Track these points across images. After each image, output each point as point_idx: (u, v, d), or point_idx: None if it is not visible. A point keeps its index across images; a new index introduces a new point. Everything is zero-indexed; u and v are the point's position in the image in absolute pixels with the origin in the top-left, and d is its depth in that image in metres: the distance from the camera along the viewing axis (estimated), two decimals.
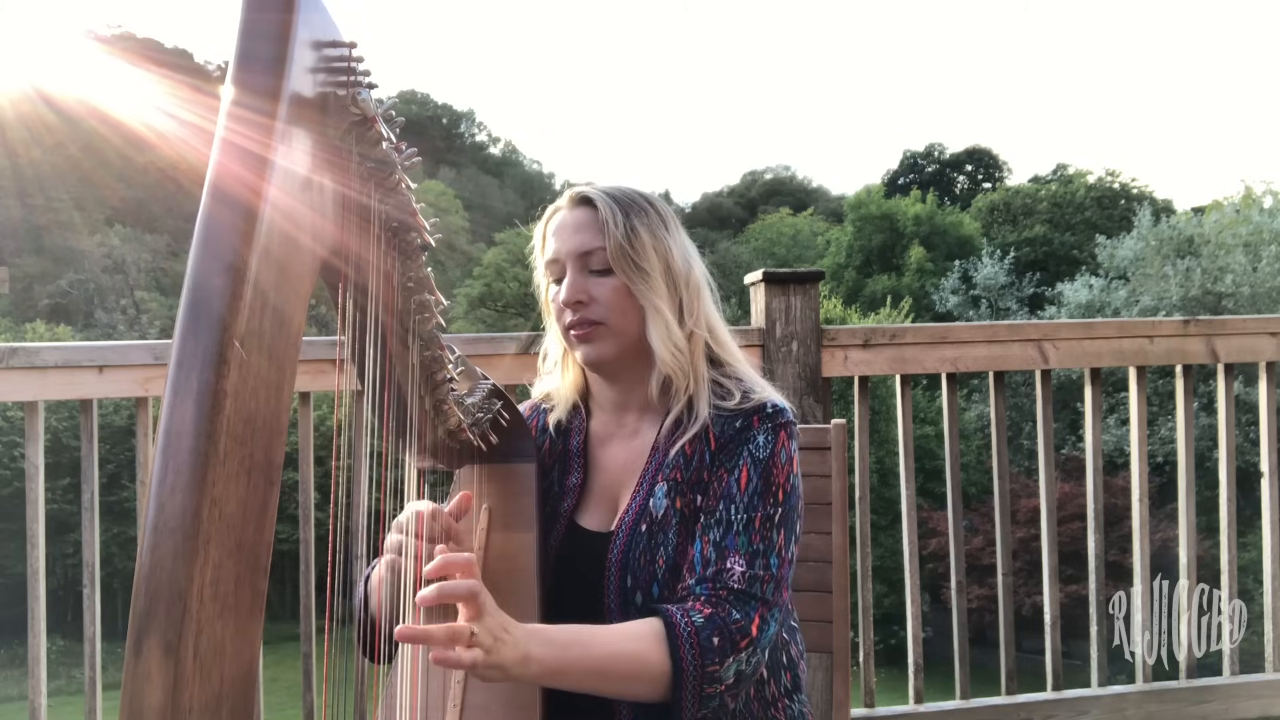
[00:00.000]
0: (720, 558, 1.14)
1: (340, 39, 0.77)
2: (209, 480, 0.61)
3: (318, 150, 0.74)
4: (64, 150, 31.96)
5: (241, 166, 0.66)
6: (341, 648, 1.15)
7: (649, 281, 1.21)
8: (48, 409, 2.11)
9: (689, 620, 1.08)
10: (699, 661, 1.06)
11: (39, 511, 2.00)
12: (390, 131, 0.86)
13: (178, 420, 0.61)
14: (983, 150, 52.40)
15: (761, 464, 1.19)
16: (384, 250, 0.94)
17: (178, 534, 0.60)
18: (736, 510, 1.16)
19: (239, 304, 0.62)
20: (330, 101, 0.77)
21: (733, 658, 1.08)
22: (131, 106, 7.56)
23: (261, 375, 0.65)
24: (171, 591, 0.59)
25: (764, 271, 2.34)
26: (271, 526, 0.67)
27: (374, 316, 0.94)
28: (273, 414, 0.67)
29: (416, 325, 1.05)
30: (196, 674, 0.60)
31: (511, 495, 1.28)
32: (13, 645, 17.07)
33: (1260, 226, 22.30)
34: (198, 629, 0.60)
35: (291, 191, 0.69)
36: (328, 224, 0.78)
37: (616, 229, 1.21)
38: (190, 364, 0.61)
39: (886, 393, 13.13)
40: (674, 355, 1.22)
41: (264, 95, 0.67)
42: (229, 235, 0.64)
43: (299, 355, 0.71)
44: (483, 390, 1.26)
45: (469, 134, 63.10)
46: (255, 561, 0.66)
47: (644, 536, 1.20)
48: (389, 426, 1.09)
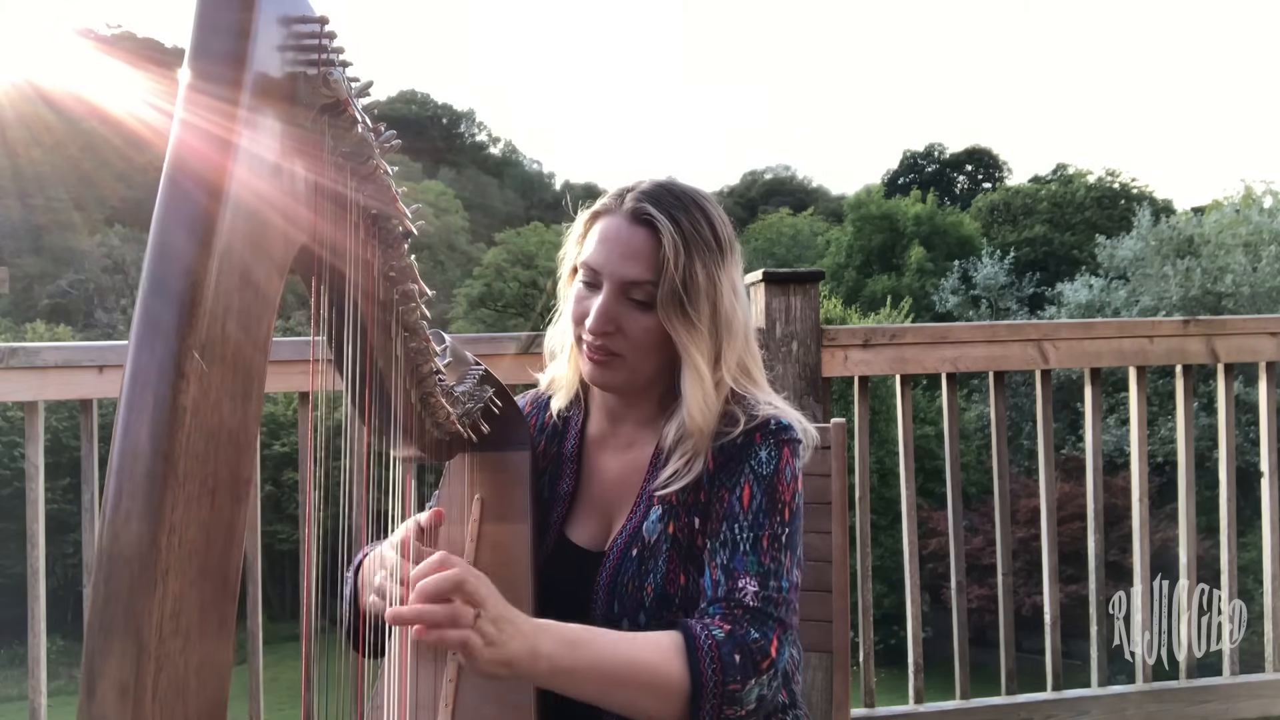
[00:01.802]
0: (729, 579, 1.08)
1: (310, 14, 0.71)
2: (167, 505, 0.56)
3: (287, 134, 0.68)
4: (64, 150, 31.95)
5: (202, 153, 0.59)
6: (342, 648, 1.14)
7: (693, 333, 1.12)
8: (48, 409, 2.11)
9: (709, 635, 1.02)
10: (720, 678, 1.00)
11: (39, 511, 2.00)
12: (365, 115, 0.81)
13: (132, 440, 0.56)
14: (983, 150, 52.44)
15: (765, 480, 1.12)
16: (363, 239, 0.88)
17: (133, 564, 0.55)
18: (741, 529, 1.10)
19: (198, 311, 0.57)
20: (300, 82, 0.70)
21: (754, 680, 1.02)
22: (131, 106, 7.55)
23: (226, 386, 0.60)
24: (127, 627, 0.55)
25: (764, 271, 2.34)
26: (239, 545, 0.63)
27: (354, 307, 0.88)
28: (239, 426, 0.61)
29: (400, 316, 1.00)
30: (156, 715, 0.55)
31: (504, 484, 1.24)
32: (13, 645, 17.07)
33: (1260, 226, 22.29)
34: (157, 667, 0.55)
35: (259, 179, 0.63)
36: (300, 214, 0.72)
37: (675, 272, 1.10)
38: (145, 378, 0.57)
39: (886, 393, 13.12)
40: (702, 413, 1.14)
41: (227, 73, 0.61)
42: (186, 234, 0.58)
43: (269, 358, 0.66)
44: (473, 377, 1.22)
45: (469, 134, 63.10)
46: (222, 584, 0.61)
47: (634, 562, 1.15)
48: (372, 421, 1.04)
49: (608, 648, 0.99)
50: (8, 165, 30.57)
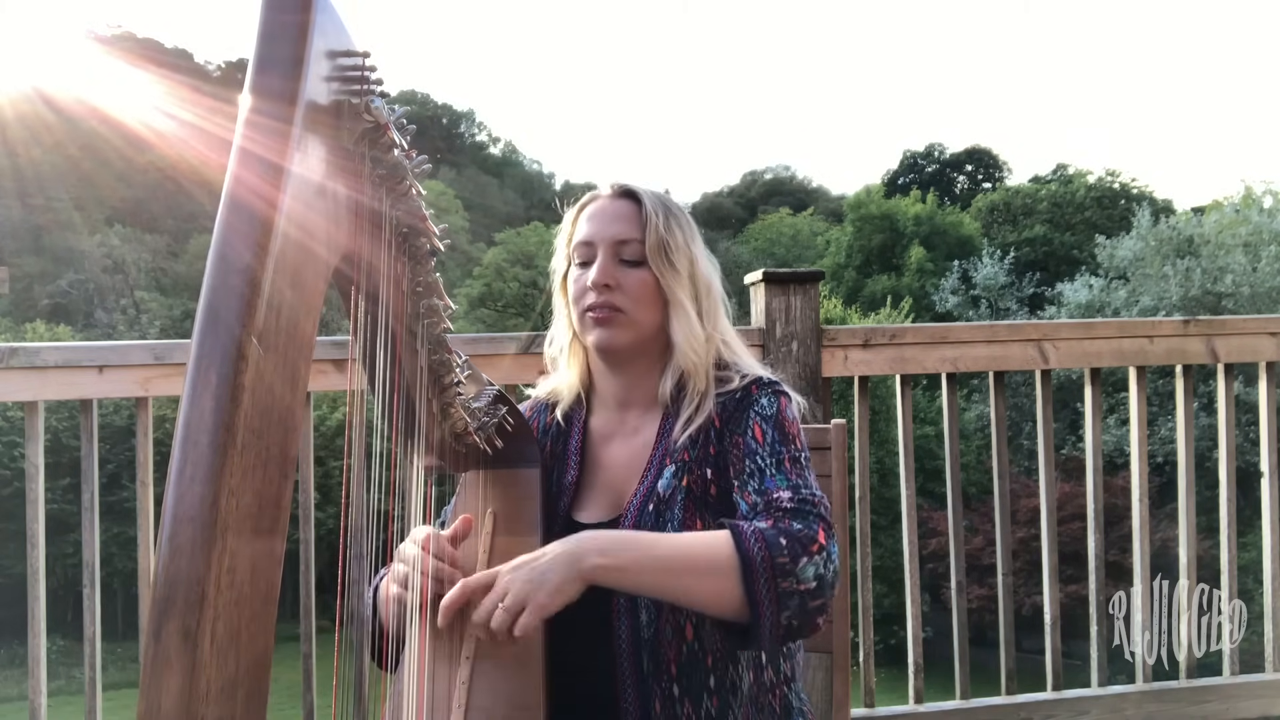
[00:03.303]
0: (763, 495, 1.16)
1: (354, 48, 0.79)
2: (227, 471, 0.62)
3: (331, 157, 0.76)
4: (64, 150, 31.96)
5: (258, 173, 0.68)
6: (341, 649, 1.15)
7: (679, 279, 1.26)
8: (48, 409, 2.11)
9: (753, 525, 1.09)
10: (768, 554, 1.05)
11: (39, 511, 2.00)
12: (402, 138, 0.88)
13: (197, 414, 0.63)
14: (983, 150, 52.43)
15: (772, 419, 1.22)
16: (394, 255, 0.97)
17: (196, 523, 0.61)
18: (763, 458, 1.19)
19: (255, 305, 0.65)
20: (344, 109, 0.79)
21: (805, 559, 1.06)
22: (131, 106, 7.49)
23: (277, 371, 0.67)
24: (190, 578, 0.61)
25: (764, 271, 2.34)
26: (286, 518, 0.69)
27: (383, 321, 0.96)
28: (287, 410, 0.69)
29: (425, 329, 1.07)
30: (214, 659, 0.62)
31: (516, 500, 1.29)
32: (13, 645, 17.07)
33: (1260, 226, 22.30)
34: (215, 615, 0.61)
35: (306, 198, 0.71)
36: (340, 229, 0.80)
37: (658, 223, 1.26)
38: (209, 360, 0.63)
39: (886, 393, 13.13)
40: (694, 351, 1.26)
41: (281, 102, 0.69)
42: (245, 242, 0.66)
43: (312, 356, 0.73)
44: (488, 395, 1.28)
45: (469, 134, 63.08)
46: (270, 552, 0.67)
47: (651, 515, 1.21)
48: (397, 428, 1.10)
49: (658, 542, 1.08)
50: (8, 165, 30.57)
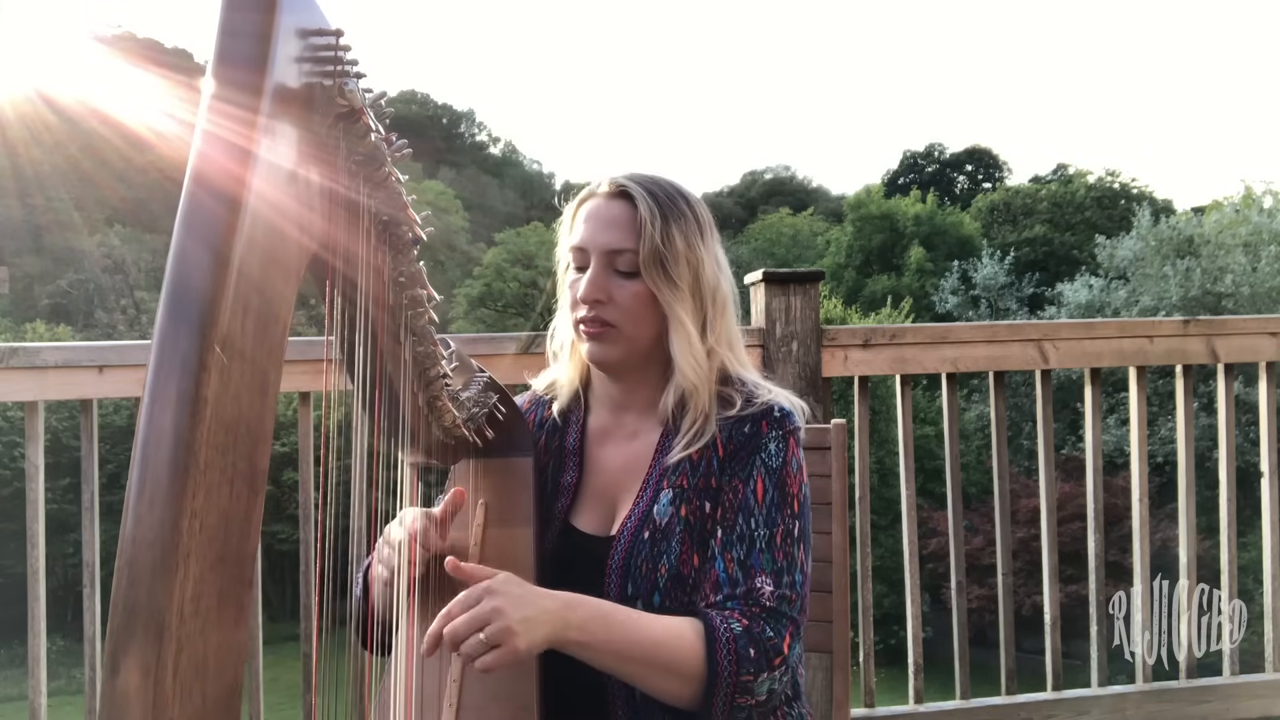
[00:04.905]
0: (747, 576, 1.13)
1: (327, 26, 0.74)
2: (188, 492, 0.58)
3: (303, 143, 0.71)
4: (64, 150, 31.94)
5: (224, 160, 0.63)
6: (340, 649, 1.15)
7: (676, 293, 1.18)
8: (48, 409, 2.11)
9: (728, 627, 1.08)
10: (735, 669, 1.06)
11: (39, 511, 2.00)
12: (379, 123, 0.83)
13: (155, 429, 0.58)
14: (983, 150, 52.38)
15: (776, 473, 1.17)
16: (374, 245, 0.92)
17: (156, 548, 0.57)
18: (757, 524, 1.15)
19: (220, 306, 0.60)
20: (316, 92, 0.73)
21: (766, 674, 1.08)
22: (131, 107, 7.52)
23: (244, 380, 0.62)
24: (150, 608, 0.57)
25: (764, 271, 2.34)
26: (256, 536, 0.65)
27: (364, 312, 0.91)
28: (256, 419, 0.64)
29: (409, 320, 1.03)
30: (177, 694, 0.57)
31: (508, 490, 1.26)
32: (13, 645, 17.06)
33: (1260, 226, 22.30)
34: (178, 647, 0.58)
35: (276, 186, 0.66)
36: (315, 219, 0.75)
37: (654, 233, 1.16)
38: (167, 371, 0.59)
39: (886, 393, 13.12)
40: (694, 370, 1.19)
41: (247, 84, 0.64)
42: (210, 234, 0.61)
43: (284, 356, 0.68)
44: (478, 384, 1.24)
45: (469, 134, 63.04)
46: (239, 573, 0.63)
47: (646, 544, 1.18)
48: (381, 424, 1.07)
49: (633, 628, 1.05)
50: (8, 165, 30.56)
